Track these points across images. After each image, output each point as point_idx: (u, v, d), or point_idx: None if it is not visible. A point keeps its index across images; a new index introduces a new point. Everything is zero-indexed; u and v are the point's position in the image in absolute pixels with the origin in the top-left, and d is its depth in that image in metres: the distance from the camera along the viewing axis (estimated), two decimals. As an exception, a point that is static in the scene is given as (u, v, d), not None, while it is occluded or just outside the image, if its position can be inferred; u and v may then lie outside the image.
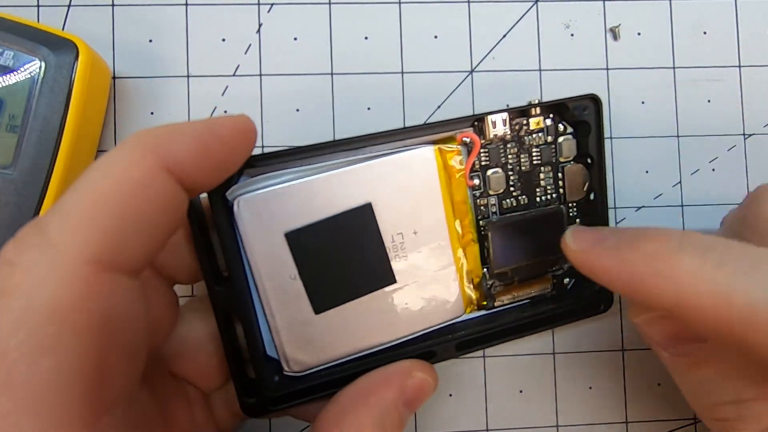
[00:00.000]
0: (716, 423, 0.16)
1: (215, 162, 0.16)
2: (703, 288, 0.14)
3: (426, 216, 0.20)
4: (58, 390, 0.12)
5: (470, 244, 0.22)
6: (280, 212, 0.19)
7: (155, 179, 0.14)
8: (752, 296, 0.14)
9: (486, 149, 0.22)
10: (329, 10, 0.25)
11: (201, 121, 0.15)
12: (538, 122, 0.22)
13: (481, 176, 0.22)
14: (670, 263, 0.15)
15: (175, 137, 0.15)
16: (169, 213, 0.15)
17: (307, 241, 0.19)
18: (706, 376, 0.16)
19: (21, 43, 0.20)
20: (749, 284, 0.14)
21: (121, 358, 0.14)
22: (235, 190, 0.19)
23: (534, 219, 0.22)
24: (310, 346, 0.20)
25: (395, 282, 0.20)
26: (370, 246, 0.20)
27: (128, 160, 0.14)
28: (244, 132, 0.16)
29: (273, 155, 0.19)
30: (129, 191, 0.13)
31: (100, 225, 0.13)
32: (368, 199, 0.20)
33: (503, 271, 0.22)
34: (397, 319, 0.21)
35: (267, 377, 0.20)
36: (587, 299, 0.23)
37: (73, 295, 0.13)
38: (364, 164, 0.20)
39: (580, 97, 0.22)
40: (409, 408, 0.19)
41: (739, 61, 0.26)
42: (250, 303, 0.20)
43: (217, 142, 0.15)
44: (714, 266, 0.14)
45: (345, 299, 0.20)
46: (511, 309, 0.23)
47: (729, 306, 0.14)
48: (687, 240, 0.15)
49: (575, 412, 0.25)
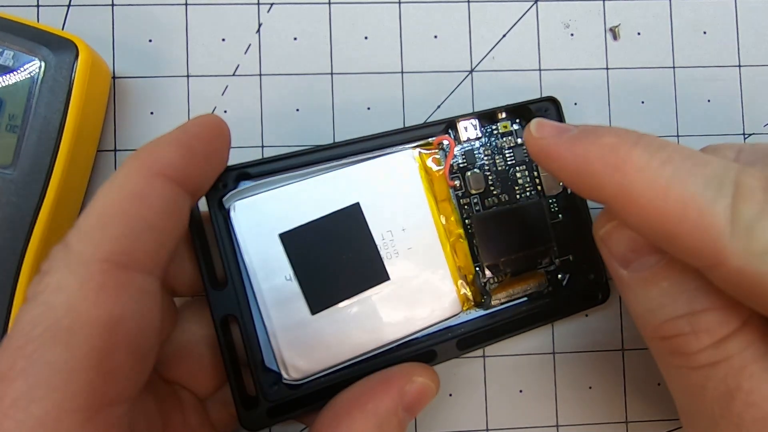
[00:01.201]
0: (665, 342, 0.16)
1: (199, 156, 0.18)
2: (645, 181, 0.15)
3: (412, 214, 0.21)
4: (65, 379, 0.14)
5: (459, 241, 0.22)
6: (274, 215, 0.20)
7: (151, 186, 0.16)
8: (687, 191, 0.14)
9: (462, 152, 0.23)
10: (329, 10, 0.25)
11: (177, 128, 0.18)
12: (505, 126, 0.23)
13: (461, 177, 0.23)
14: (622, 156, 0.15)
15: (159, 146, 0.17)
16: (172, 214, 0.17)
17: (301, 241, 0.20)
18: (662, 290, 0.16)
19: (21, 43, 0.20)
20: (687, 181, 0.14)
21: (129, 356, 0.15)
22: (232, 197, 0.20)
23: (516, 211, 0.23)
24: (307, 350, 0.20)
25: (389, 279, 0.21)
26: (362, 244, 0.21)
27: (125, 175, 0.16)
28: (214, 125, 0.18)
29: (264, 161, 0.21)
30: (130, 200, 0.16)
31: (109, 230, 0.15)
32: (356, 199, 0.21)
33: (494, 264, 0.22)
34: (394, 318, 0.21)
35: (266, 386, 0.20)
36: (584, 291, 0.23)
37: (88, 291, 0.14)
38: (350, 167, 0.21)
39: (539, 99, 0.23)
40: (410, 413, 0.19)
41: (739, 61, 0.26)
42: (247, 305, 0.20)
43: (194, 139, 0.17)
44: (660, 163, 0.15)
45: (341, 298, 0.20)
46: (509, 306, 0.23)
47: (665, 199, 0.14)
48: (643, 139, 0.16)
49: (575, 412, 0.25)
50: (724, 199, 0.14)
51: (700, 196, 0.14)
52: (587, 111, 0.25)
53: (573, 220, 0.23)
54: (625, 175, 0.15)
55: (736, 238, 0.13)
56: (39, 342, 0.14)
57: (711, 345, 0.15)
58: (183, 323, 0.20)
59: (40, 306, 0.14)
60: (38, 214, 0.20)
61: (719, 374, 0.15)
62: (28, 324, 0.14)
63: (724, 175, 0.14)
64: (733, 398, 0.15)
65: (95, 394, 0.14)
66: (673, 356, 0.16)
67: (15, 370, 0.14)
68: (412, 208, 0.21)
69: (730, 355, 0.15)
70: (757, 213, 0.13)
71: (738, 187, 0.14)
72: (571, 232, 0.23)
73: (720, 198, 0.14)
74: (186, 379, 0.20)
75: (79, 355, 0.14)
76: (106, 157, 0.24)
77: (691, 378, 0.16)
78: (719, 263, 0.14)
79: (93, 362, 0.14)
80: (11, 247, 0.20)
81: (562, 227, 0.23)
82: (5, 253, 0.20)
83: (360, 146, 0.21)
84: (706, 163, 0.15)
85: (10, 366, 0.14)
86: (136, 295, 0.15)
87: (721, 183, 0.14)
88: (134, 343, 0.15)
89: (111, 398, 0.15)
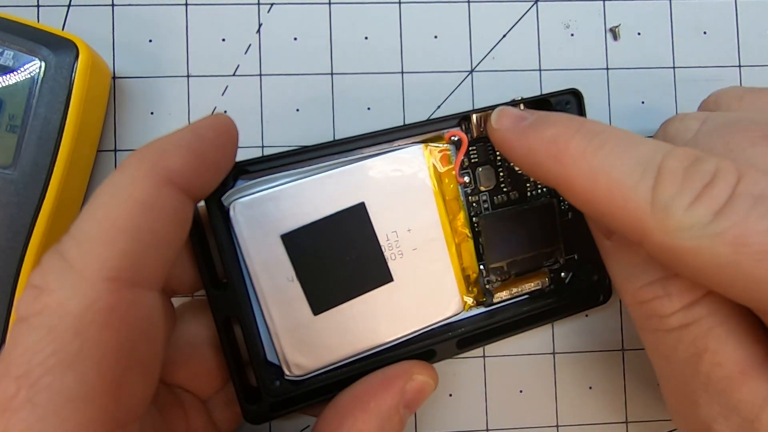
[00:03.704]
0: (642, 307, 0.17)
1: (210, 164, 0.17)
2: (580, 168, 0.16)
3: (419, 214, 0.21)
4: (78, 405, 0.13)
5: (465, 240, 0.22)
6: (275, 215, 0.19)
7: (160, 196, 0.15)
8: (612, 177, 0.15)
9: (474, 147, 0.22)
10: (329, 10, 0.25)
11: (186, 129, 0.16)
12: None
13: (471, 173, 0.22)
14: (560, 146, 0.16)
15: (169, 151, 0.15)
16: (178, 223, 0.16)
17: (303, 242, 0.20)
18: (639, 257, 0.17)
19: (21, 43, 0.20)
20: (614, 165, 0.15)
21: (139, 375, 0.15)
22: (231, 195, 0.19)
23: (526, 212, 0.22)
24: (310, 349, 0.20)
25: (392, 280, 0.21)
26: (366, 245, 0.20)
27: (133, 181, 0.15)
28: (228, 129, 0.17)
29: (265, 159, 0.20)
30: (138, 212, 0.14)
31: (115, 246, 0.14)
32: (361, 199, 0.20)
33: (499, 266, 0.22)
34: (396, 318, 0.21)
35: (268, 382, 0.20)
36: (586, 291, 0.23)
37: (95, 312, 0.13)
38: (356, 165, 0.20)
39: (561, 92, 0.22)
40: (410, 409, 0.19)
41: (739, 61, 0.26)
42: (248, 306, 0.20)
43: (207, 145, 0.16)
44: (593, 150, 0.16)
45: (343, 299, 0.20)
46: (510, 305, 0.23)
47: (594, 184, 0.15)
48: (584, 127, 0.17)
49: (575, 412, 0.25)
50: (646, 181, 0.15)
51: (624, 180, 0.15)
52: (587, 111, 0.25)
53: (581, 219, 0.23)
54: (563, 164, 0.16)
55: (655, 217, 0.14)
56: (44, 369, 0.13)
57: (681, 308, 0.16)
58: (182, 325, 0.20)
59: (40, 330, 0.13)
60: (38, 214, 0.20)
61: (689, 336, 0.16)
62: (29, 350, 0.13)
63: (650, 158, 0.15)
64: (701, 358, 0.15)
65: (109, 419, 0.14)
66: (650, 319, 0.17)
67: (18, 400, 0.13)
68: (419, 208, 0.21)
69: (698, 318, 0.16)
70: (674, 193, 0.14)
71: (660, 170, 0.15)
72: (578, 231, 0.23)
73: (642, 181, 0.15)
74: (188, 382, 0.20)
75: (91, 382, 0.13)
76: (106, 157, 0.24)
77: (666, 341, 0.16)
78: (644, 240, 0.15)
79: (105, 387, 0.13)
80: (11, 247, 0.20)
81: (570, 225, 0.23)
82: (5, 253, 0.20)
83: (366, 143, 0.20)
84: (637, 146, 0.15)
85: (12, 395, 0.13)
86: (145, 313, 0.15)
87: (646, 166, 0.15)
88: (144, 361, 0.15)
89: (124, 420, 0.14)
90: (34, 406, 0.12)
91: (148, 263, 0.15)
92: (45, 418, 0.12)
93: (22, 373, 0.13)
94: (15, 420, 0.12)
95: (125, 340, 0.14)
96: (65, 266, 0.14)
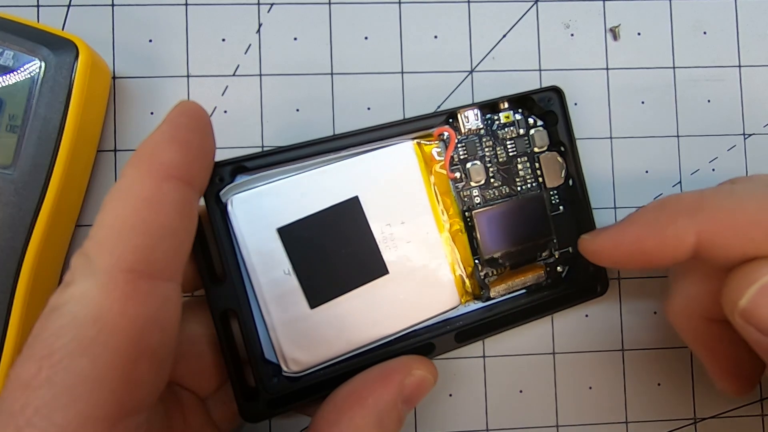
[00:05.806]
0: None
1: (196, 148, 0.17)
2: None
3: (411, 207, 0.21)
4: (89, 388, 0.14)
5: (458, 234, 0.22)
6: (271, 209, 0.20)
7: (162, 190, 0.16)
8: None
9: (463, 143, 0.23)
10: (329, 10, 0.25)
11: (163, 123, 0.17)
12: (507, 116, 0.23)
13: (461, 169, 0.23)
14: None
15: (158, 147, 0.16)
16: (185, 214, 0.17)
17: (299, 235, 0.20)
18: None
19: (21, 43, 0.20)
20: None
21: (152, 365, 0.15)
22: (229, 191, 0.20)
23: (517, 204, 0.23)
24: (307, 344, 0.20)
25: (388, 273, 0.21)
26: (361, 238, 0.21)
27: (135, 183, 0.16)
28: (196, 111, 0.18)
29: (261, 155, 0.20)
30: (145, 208, 0.16)
31: (128, 241, 0.15)
32: (355, 193, 0.21)
33: (494, 257, 0.22)
34: (393, 312, 0.21)
35: (266, 379, 0.20)
36: (583, 283, 0.23)
37: (112, 302, 0.14)
38: (349, 161, 0.21)
39: (543, 89, 0.23)
40: (408, 405, 0.19)
41: (739, 61, 0.26)
42: (246, 300, 0.20)
43: (186, 130, 0.17)
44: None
45: (339, 292, 0.20)
46: (507, 299, 0.23)
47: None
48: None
49: (575, 412, 0.25)
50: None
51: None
52: (587, 111, 0.25)
53: (574, 212, 0.23)
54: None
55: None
56: (64, 352, 0.14)
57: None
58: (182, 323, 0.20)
59: (65, 316, 0.14)
60: (38, 214, 0.20)
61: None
62: (53, 334, 0.14)
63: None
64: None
65: (118, 403, 0.14)
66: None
67: (39, 379, 0.14)
68: (411, 201, 0.21)
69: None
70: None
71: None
72: (571, 224, 0.23)
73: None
74: (186, 379, 0.20)
75: (105, 365, 0.14)
76: (106, 157, 0.24)
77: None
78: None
79: (118, 372, 0.14)
80: (11, 247, 0.20)
81: (562, 219, 0.23)
82: (5, 253, 0.20)
83: (358, 138, 0.21)
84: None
85: (33, 374, 0.14)
86: (159, 303, 0.15)
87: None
88: (157, 351, 0.15)
89: (133, 407, 0.15)
90: (51, 385, 0.14)
91: (160, 255, 0.16)
92: (59, 397, 0.13)
93: (45, 354, 0.14)
94: (33, 397, 0.13)
95: (141, 328, 0.15)
96: (87, 262, 0.15)
